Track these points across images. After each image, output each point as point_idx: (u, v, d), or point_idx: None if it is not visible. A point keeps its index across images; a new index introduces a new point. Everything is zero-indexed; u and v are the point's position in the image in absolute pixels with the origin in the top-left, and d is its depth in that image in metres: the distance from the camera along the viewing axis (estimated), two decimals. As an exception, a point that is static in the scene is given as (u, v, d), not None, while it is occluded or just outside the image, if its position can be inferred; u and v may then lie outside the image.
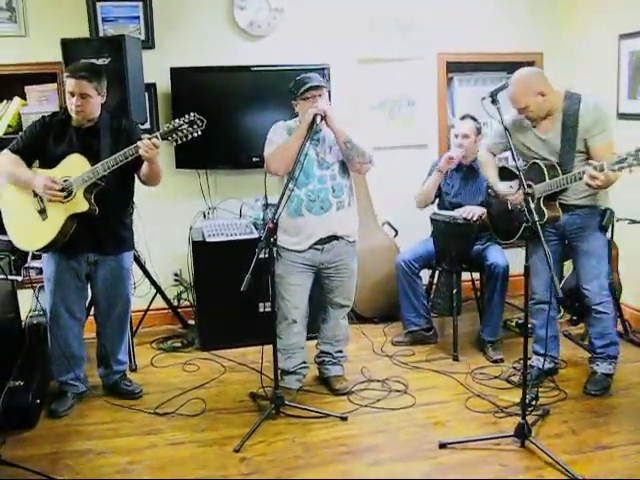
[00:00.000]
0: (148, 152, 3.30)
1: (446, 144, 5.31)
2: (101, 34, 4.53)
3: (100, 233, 3.53)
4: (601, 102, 3.56)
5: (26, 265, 4.66)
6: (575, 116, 3.47)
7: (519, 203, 3.62)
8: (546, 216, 3.51)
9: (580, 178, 3.29)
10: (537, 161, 3.57)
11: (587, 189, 3.51)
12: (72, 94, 3.37)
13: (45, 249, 3.49)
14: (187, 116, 3.31)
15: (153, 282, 4.64)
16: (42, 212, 3.45)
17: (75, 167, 3.39)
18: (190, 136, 3.33)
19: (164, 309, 4.88)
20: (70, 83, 3.37)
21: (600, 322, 3.68)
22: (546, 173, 3.49)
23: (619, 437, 3.26)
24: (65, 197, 3.39)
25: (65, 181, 3.39)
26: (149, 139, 3.29)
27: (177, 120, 3.32)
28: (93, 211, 3.41)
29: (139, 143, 3.30)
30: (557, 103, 3.53)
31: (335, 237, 3.64)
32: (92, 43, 4.09)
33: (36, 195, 3.45)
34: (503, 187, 3.77)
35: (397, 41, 5.12)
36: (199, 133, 3.33)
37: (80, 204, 3.40)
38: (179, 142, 3.35)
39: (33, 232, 3.48)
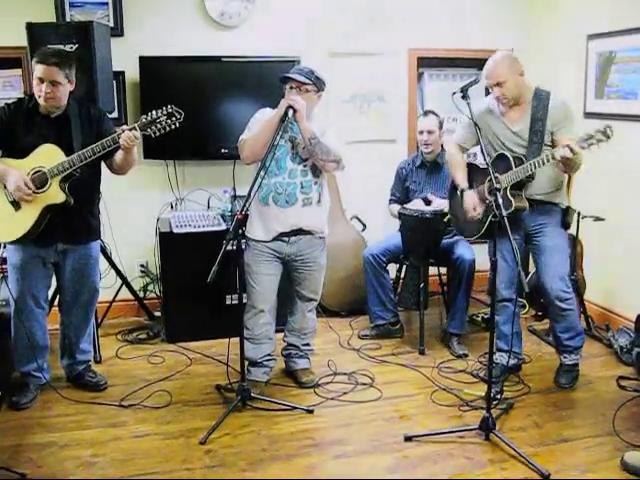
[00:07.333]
0: (128, 144, 3.26)
1: (415, 139, 5.31)
2: (67, 19, 4.43)
3: (72, 222, 3.46)
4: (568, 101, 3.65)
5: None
6: (545, 110, 3.52)
7: (480, 214, 3.68)
8: (513, 205, 3.51)
9: (544, 163, 3.36)
10: (505, 152, 3.60)
11: (550, 184, 3.59)
12: (41, 80, 3.28)
13: (19, 240, 3.38)
14: (165, 108, 3.27)
15: (119, 273, 4.58)
16: (15, 203, 3.34)
17: (49, 157, 3.31)
18: (168, 128, 3.29)
19: (130, 300, 4.82)
20: (40, 69, 3.27)
21: (565, 318, 3.71)
22: (512, 163, 3.52)
23: (581, 430, 3.32)
24: (39, 188, 3.30)
25: (38, 172, 3.30)
26: (129, 130, 3.24)
27: (155, 112, 3.28)
28: (69, 202, 3.35)
29: (119, 135, 3.25)
30: (528, 93, 3.59)
31: (301, 231, 3.63)
32: (59, 28, 3.96)
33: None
34: (469, 200, 3.74)
35: (368, 36, 5.12)
36: (177, 125, 3.29)
37: (56, 195, 3.33)
38: (157, 134, 3.30)
39: (6, 224, 3.36)
